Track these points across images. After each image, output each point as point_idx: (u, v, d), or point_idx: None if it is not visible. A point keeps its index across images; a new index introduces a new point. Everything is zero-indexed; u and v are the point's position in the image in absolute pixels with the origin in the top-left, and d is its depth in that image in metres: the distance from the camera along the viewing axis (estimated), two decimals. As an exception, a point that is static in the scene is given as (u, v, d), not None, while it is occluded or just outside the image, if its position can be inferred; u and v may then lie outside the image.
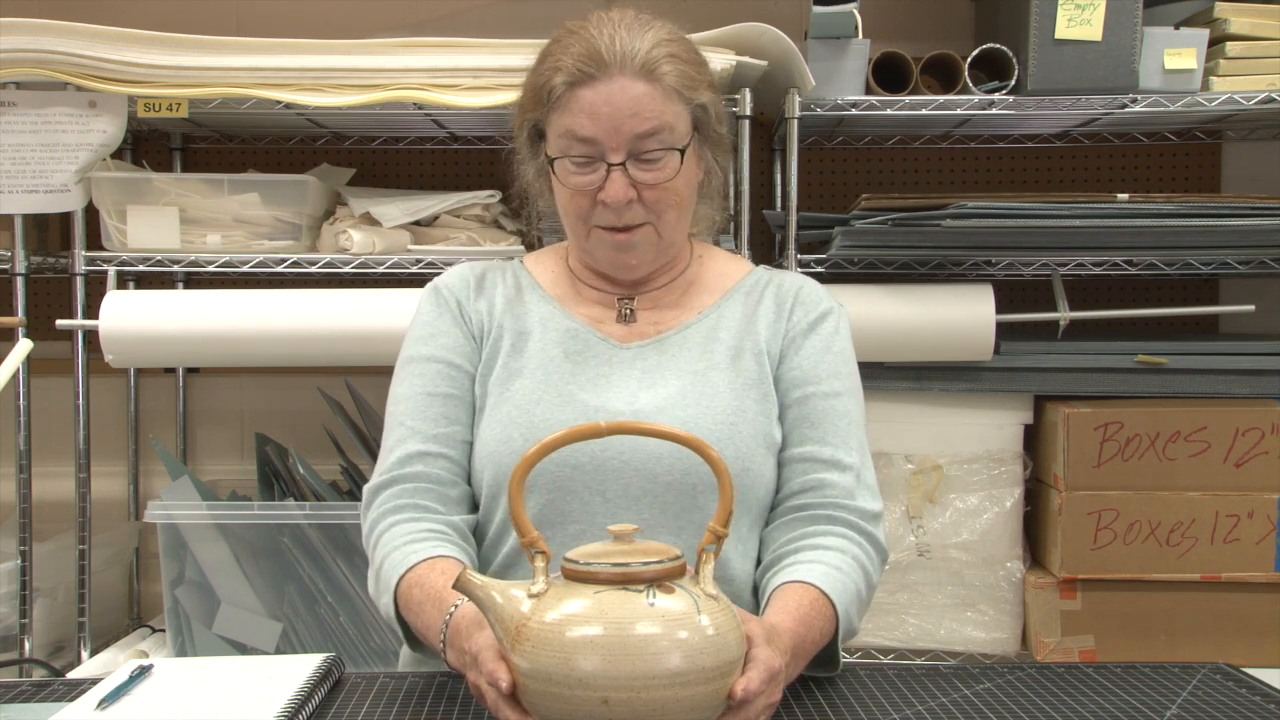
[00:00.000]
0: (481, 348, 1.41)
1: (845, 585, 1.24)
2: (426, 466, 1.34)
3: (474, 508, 1.38)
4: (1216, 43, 2.18)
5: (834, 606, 1.21)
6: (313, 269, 2.21)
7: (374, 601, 1.32)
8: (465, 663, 1.09)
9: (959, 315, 2.16)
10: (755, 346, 1.38)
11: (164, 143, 2.61)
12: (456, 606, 1.15)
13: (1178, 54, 2.15)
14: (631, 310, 1.41)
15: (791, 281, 1.45)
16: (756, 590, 1.34)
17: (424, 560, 1.25)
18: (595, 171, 1.31)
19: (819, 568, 1.25)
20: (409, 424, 1.36)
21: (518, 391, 1.35)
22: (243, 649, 2.16)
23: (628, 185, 1.30)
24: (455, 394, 1.38)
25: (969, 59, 2.19)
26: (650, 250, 1.36)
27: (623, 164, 1.30)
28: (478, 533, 1.37)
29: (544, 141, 1.36)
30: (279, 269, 2.21)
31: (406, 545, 1.28)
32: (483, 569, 1.36)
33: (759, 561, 1.36)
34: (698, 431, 1.26)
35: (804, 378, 1.37)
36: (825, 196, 2.63)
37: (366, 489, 1.37)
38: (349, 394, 2.39)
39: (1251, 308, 2.26)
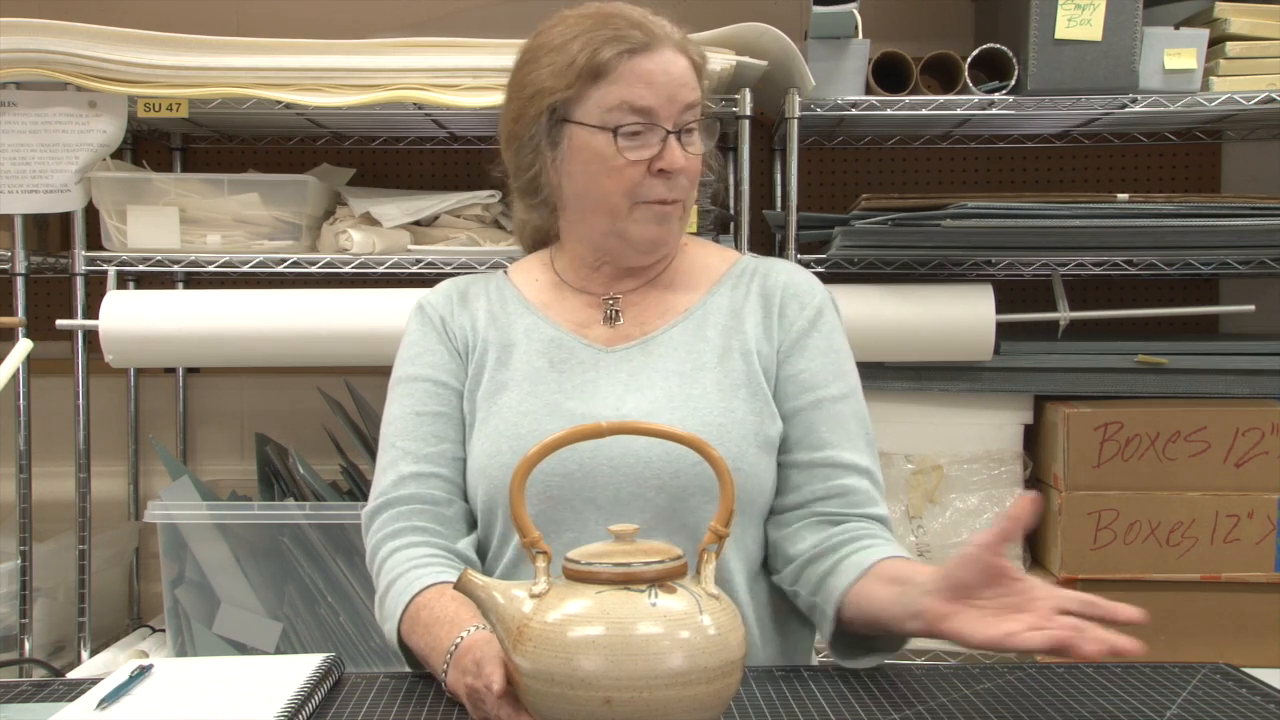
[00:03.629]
0: (467, 363, 1.40)
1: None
2: (420, 487, 1.34)
3: (473, 525, 1.38)
4: (1216, 43, 2.18)
5: None
6: (313, 269, 2.21)
7: (379, 626, 1.32)
8: (467, 668, 1.07)
9: (959, 315, 2.16)
10: (743, 345, 1.36)
11: (164, 143, 2.61)
12: (470, 631, 1.13)
13: (1178, 54, 2.15)
14: (617, 311, 1.40)
15: (778, 274, 1.42)
16: (752, 590, 1.34)
17: (432, 585, 1.25)
18: (648, 145, 1.30)
19: (898, 550, 1.27)
20: (400, 445, 1.36)
21: (504, 405, 1.35)
22: (243, 649, 2.16)
23: (685, 154, 1.32)
24: (444, 411, 1.38)
25: (969, 59, 2.19)
26: (679, 228, 1.37)
27: (676, 133, 1.31)
28: (476, 548, 1.37)
29: (567, 124, 1.31)
30: (279, 269, 2.21)
31: (412, 571, 1.28)
32: None
33: (764, 561, 1.36)
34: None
35: (813, 381, 1.36)
36: (825, 196, 2.63)
37: (364, 513, 1.37)
38: (349, 394, 2.39)
39: (1251, 308, 2.26)
